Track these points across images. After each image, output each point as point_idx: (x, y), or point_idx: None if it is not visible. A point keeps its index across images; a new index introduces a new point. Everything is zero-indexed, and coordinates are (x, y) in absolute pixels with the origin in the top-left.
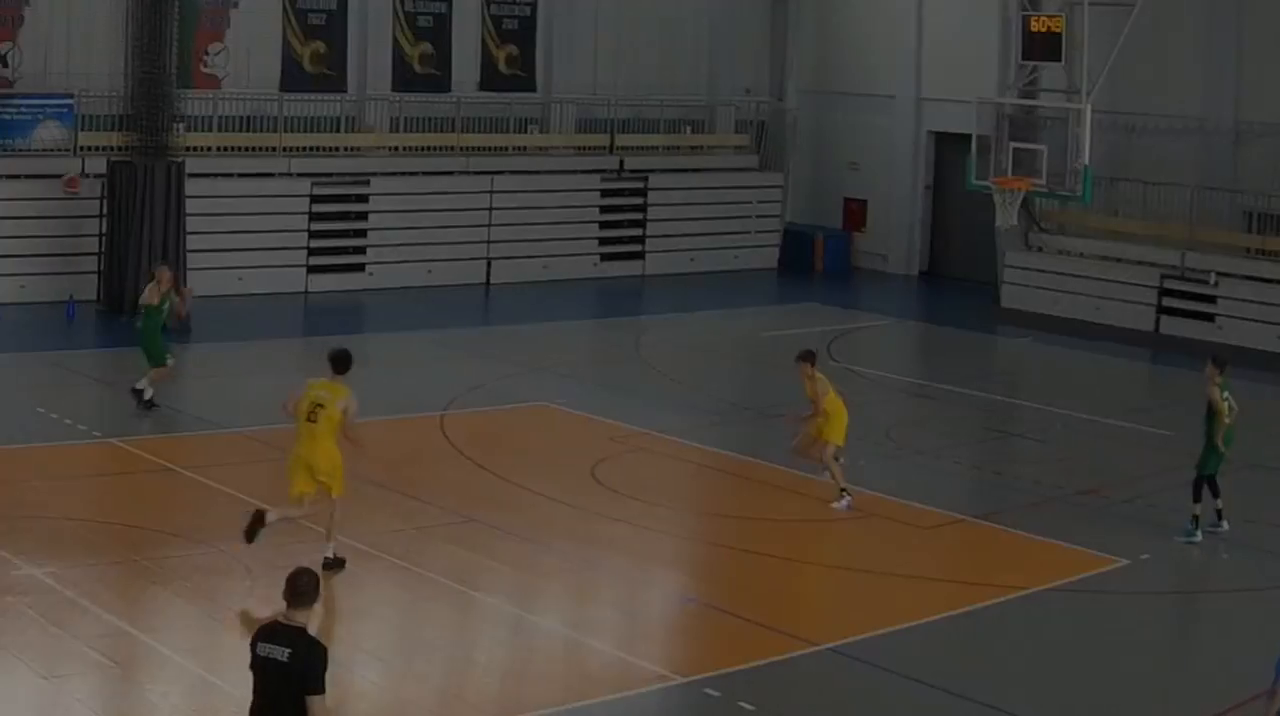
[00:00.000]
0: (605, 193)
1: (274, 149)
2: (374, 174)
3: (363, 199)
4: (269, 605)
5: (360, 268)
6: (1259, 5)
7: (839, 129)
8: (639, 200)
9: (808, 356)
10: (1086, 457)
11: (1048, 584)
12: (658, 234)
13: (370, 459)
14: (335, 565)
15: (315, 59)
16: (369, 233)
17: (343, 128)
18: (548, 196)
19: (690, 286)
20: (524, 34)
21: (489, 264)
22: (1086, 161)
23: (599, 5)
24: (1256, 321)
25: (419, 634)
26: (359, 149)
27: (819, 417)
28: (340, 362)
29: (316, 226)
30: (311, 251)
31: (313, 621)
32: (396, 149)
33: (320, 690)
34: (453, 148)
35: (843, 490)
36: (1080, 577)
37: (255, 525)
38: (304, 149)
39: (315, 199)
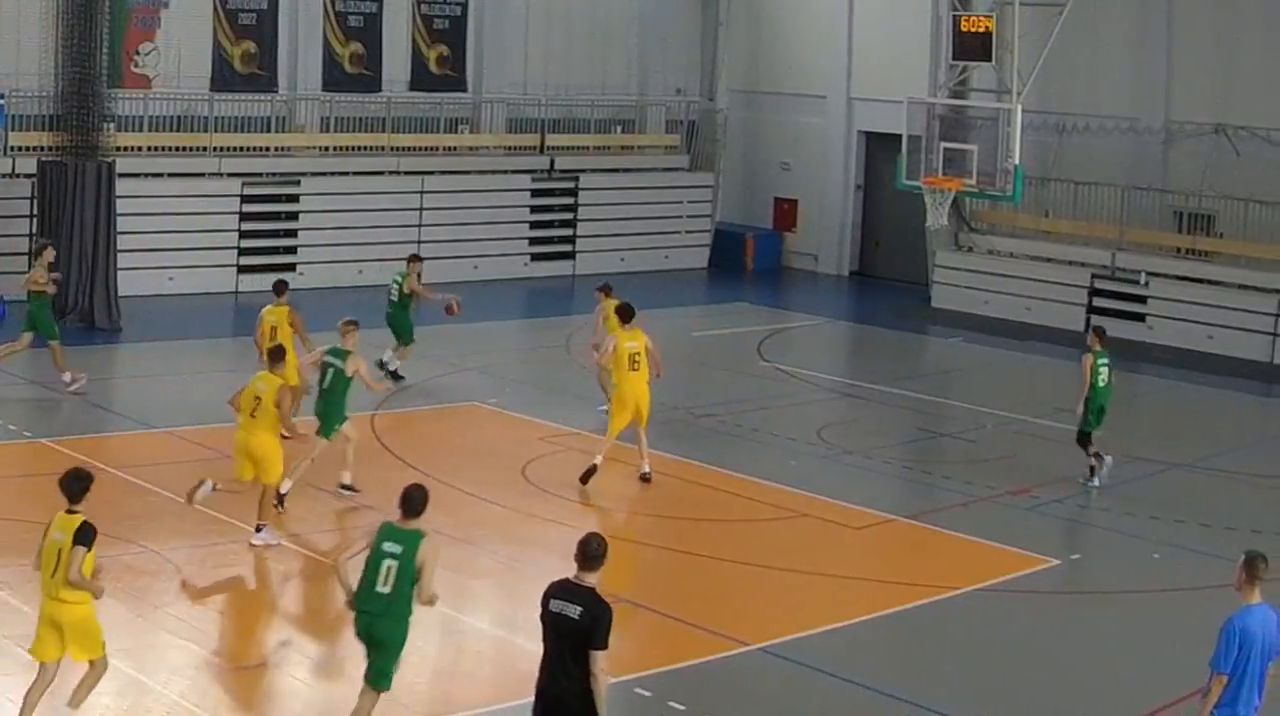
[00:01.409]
0: (536, 193)
1: (204, 149)
2: (304, 174)
3: (293, 199)
4: (202, 603)
5: (291, 267)
6: (1189, 5)
7: (770, 129)
8: (569, 200)
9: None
10: (1017, 458)
11: (978, 584)
12: (588, 234)
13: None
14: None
15: (246, 59)
16: (299, 233)
17: (273, 128)
18: (478, 196)
19: (621, 286)
20: (455, 34)
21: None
22: (1017, 161)
23: (530, 5)
24: (1187, 321)
25: (350, 633)
26: (289, 149)
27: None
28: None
29: (247, 226)
30: (242, 251)
31: None
32: (327, 149)
33: (604, 646)
34: (383, 147)
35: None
36: (1011, 577)
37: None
38: (234, 149)
39: (246, 199)
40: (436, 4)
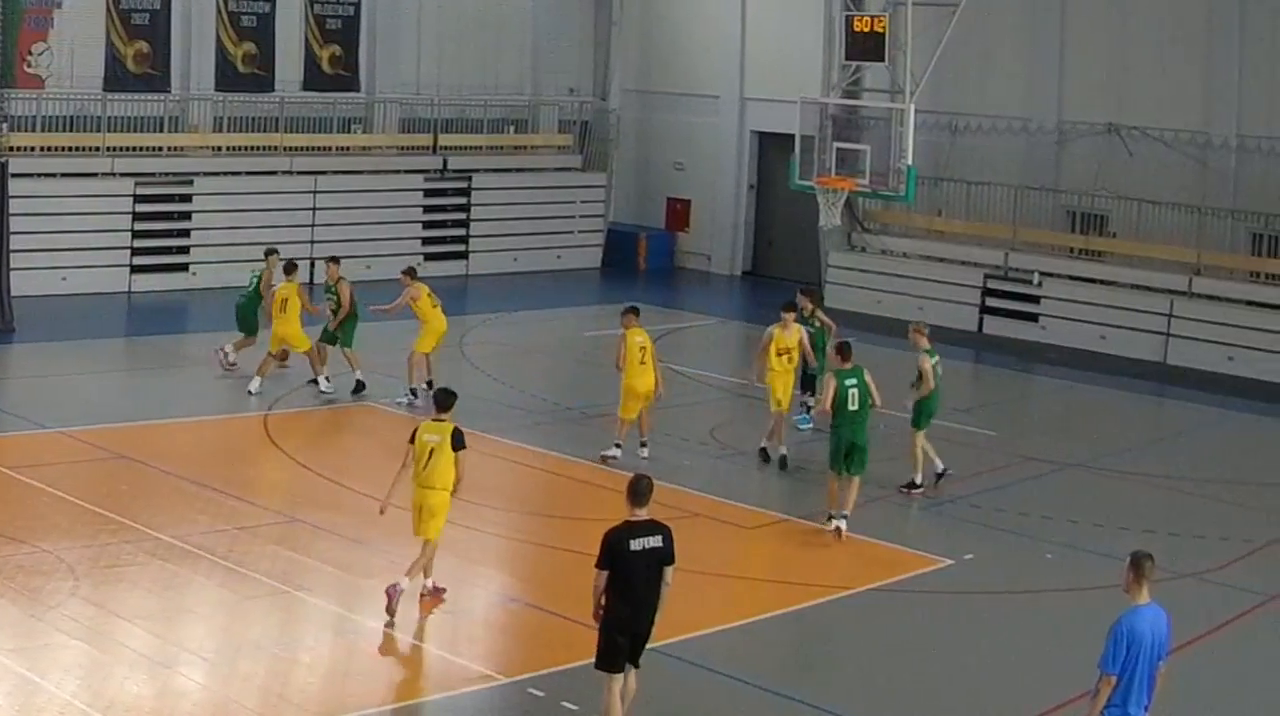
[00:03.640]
0: (429, 192)
1: (98, 149)
2: (197, 174)
3: (186, 199)
4: (92, 605)
5: (184, 268)
6: (1081, 6)
7: (663, 129)
8: (462, 200)
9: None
10: (910, 458)
11: (871, 584)
12: (481, 234)
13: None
14: None
15: (139, 59)
16: (192, 233)
17: (166, 128)
18: (371, 196)
19: (513, 286)
20: (347, 33)
21: (312, 264)
22: (910, 161)
23: (422, 5)
24: (1079, 321)
25: (243, 633)
26: (182, 149)
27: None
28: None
29: (140, 226)
30: (135, 251)
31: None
32: (220, 149)
33: (674, 560)
34: (276, 147)
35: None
36: (904, 577)
37: None
38: (127, 149)
39: (139, 199)
40: (329, 4)
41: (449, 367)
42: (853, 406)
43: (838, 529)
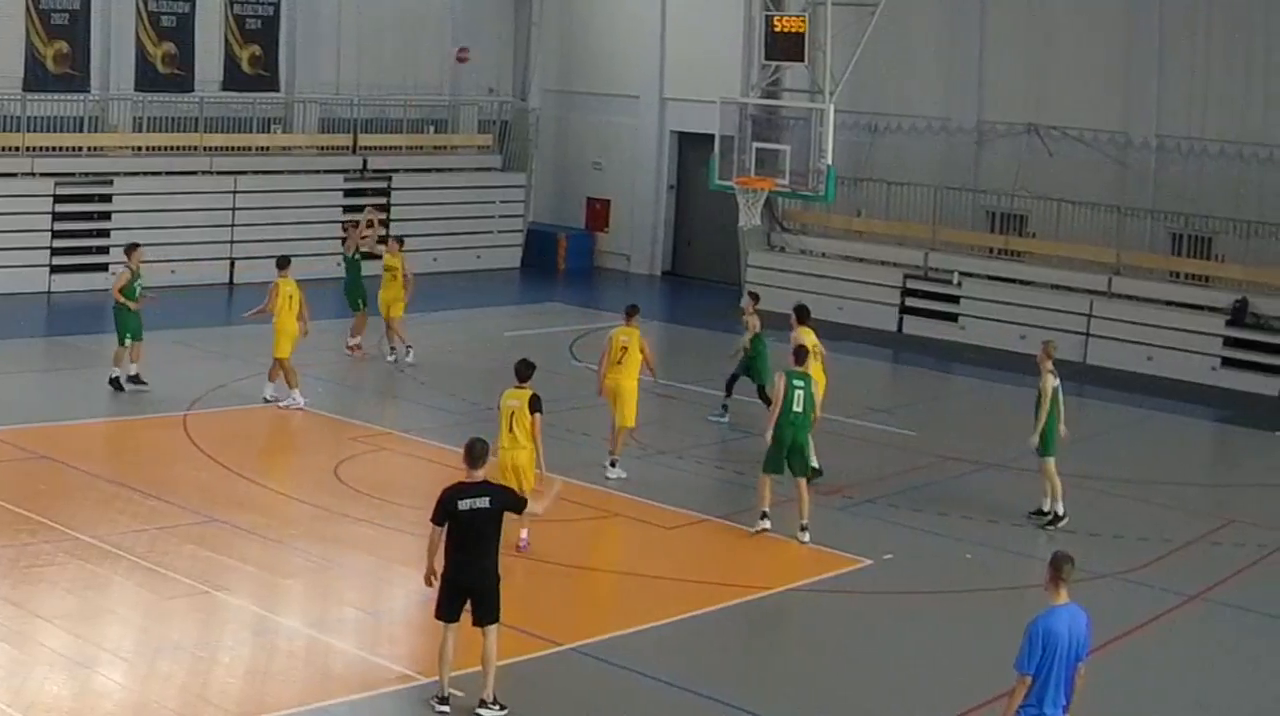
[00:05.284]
0: (348, 192)
1: (17, 149)
2: (117, 174)
3: (106, 199)
4: (11, 605)
5: (104, 267)
6: (1001, 6)
7: (582, 129)
8: (382, 200)
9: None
10: (830, 457)
11: (791, 584)
12: (401, 233)
13: None
14: None
15: (58, 59)
16: (112, 233)
17: (86, 128)
18: (291, 196)
19: (433, 286)
20: (267, 34)
21: (232, 264)
22: (829, 161)
23: (342, 5)
24: (999, 321)
25: (162, 633)
26: (102, 149)
27: None
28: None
29: (60, 226)
30: (55, 251)
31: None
32: (140, 149)
33: (521, 509)
34: (196, 148)
35: None
36: (824, 577)
37: None
38: (47, 149)
39: (58, 199)
40: (249, 4)
41: (369, 368)
42: (797, 408)
43: (763, 530)
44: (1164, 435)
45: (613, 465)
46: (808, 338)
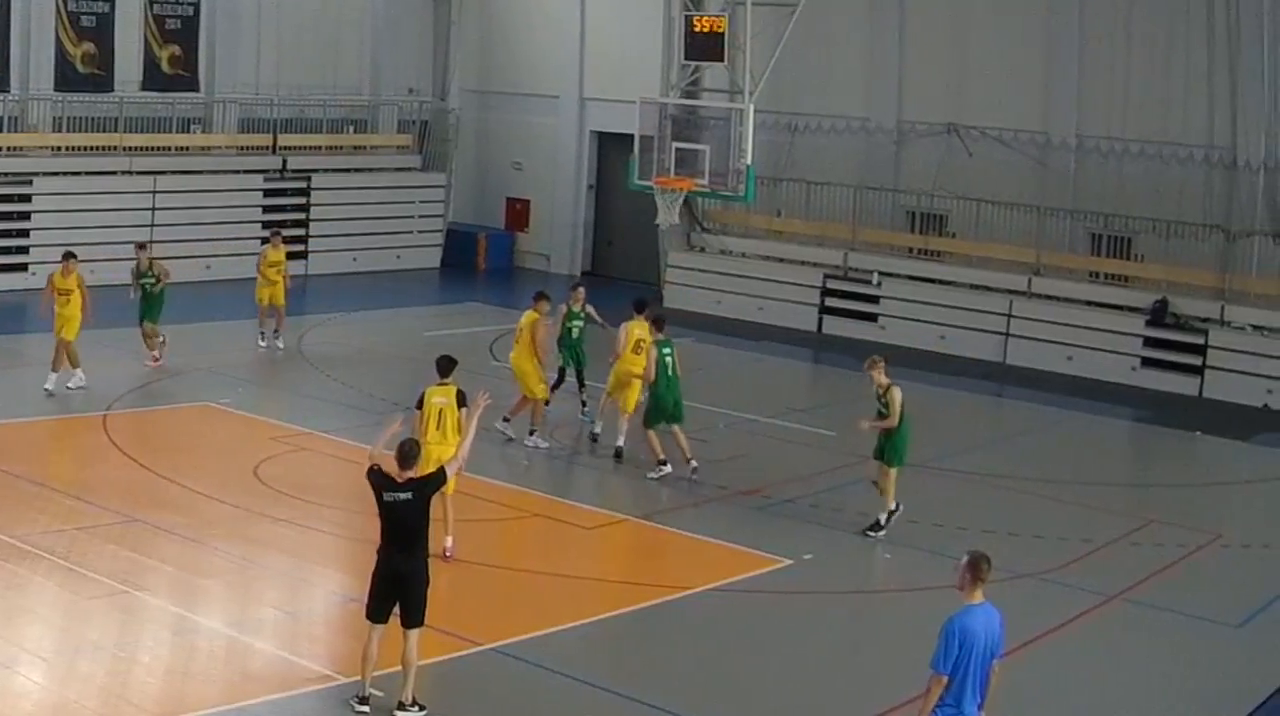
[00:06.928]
0: (268, 192)
1: None
2: (37, 174)
3: (25, 199)
4: None
5: (23, 267)
6: (920, 6)
7: (502, 129)
8: (302, 200)
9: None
10: (749, 457)
11: (710, 584)
12: (320, 233)
13: None
14: None
15: None
16: (31, 233)
17: (5, 128)
18: (211, 196)
19: (353, 286)
20: (187, 34)
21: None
22: (749, 161)
23: (261, 5)
24: (918, 321)
25: (81, 633)
26: (21, 149)
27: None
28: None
29: None
30: None
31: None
32: (59, 149)
33: (443, 482)
34: (116, 147)
35: None
36: (743, 577)
37: None
38: None
39: None
40: (169, 4)
41: (288, 369)
42: (669, 373)
43: (664, 473)
44: (1084, 435)
45: (531, 433)
46: (639, 329)
